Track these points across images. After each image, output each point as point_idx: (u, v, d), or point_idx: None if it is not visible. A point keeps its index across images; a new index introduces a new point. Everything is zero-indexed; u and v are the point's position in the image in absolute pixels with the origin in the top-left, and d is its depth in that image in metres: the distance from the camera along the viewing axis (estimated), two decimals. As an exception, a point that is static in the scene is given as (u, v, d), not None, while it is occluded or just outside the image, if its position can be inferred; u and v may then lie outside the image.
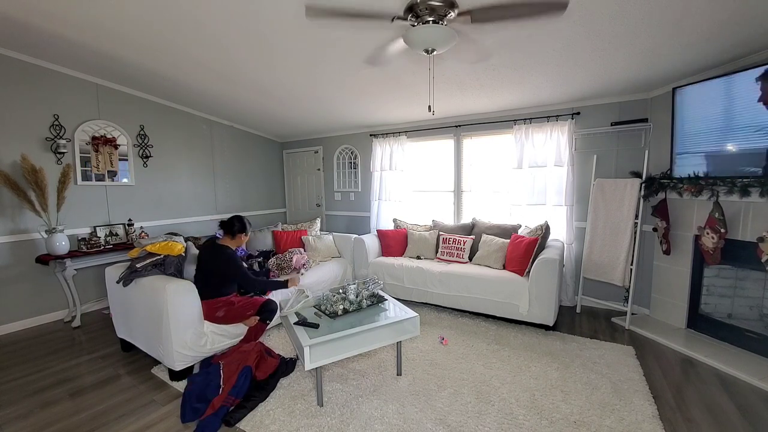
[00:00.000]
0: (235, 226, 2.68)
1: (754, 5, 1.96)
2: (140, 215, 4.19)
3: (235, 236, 2.69)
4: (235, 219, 2.70)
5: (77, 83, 3.66)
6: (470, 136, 4.39)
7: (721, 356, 2.61)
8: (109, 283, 2.83)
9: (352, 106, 4.22)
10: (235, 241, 2.71)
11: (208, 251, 2.65)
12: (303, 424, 1.98)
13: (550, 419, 2.00)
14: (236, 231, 2.68)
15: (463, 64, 2.88)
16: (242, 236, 2.72)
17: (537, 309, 3.04)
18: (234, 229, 2.67)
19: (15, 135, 3.28)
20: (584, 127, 3.64)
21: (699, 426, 1.95)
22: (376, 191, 5.03)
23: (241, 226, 2.70)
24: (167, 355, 2.38)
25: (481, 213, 4.34)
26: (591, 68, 2.86)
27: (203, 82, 3.64)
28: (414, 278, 3.69)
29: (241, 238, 2.73)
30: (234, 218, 2.71)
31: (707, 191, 2.70)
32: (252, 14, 2.31)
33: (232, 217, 2.71)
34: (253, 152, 5.73)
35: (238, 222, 2.69)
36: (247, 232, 2.75)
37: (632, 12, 2.07)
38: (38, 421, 2.05)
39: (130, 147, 4.09)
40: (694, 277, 3.01)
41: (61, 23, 2.63)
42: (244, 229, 2.72)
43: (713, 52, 2.53)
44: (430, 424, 1.97)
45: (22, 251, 3.35)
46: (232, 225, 2.68)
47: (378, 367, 2.57)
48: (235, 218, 2.71)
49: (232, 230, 2.67)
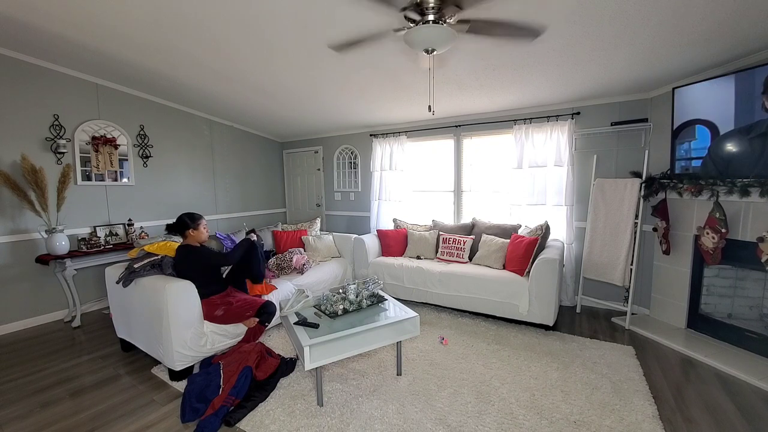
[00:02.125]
0: (187, 222, 2.60)
1: (753, 5, 1.96)
2: (140, 215, 4.19)
3: (185, 235, 2.62)
4: (183, 216, 2.63)
5: (77, 83, 3.66)
6: (470, 136, 4.39)
7: (721, 356, 2.61)
8: (109, 283, 2.83)
9: (352, 106, 4.22)
10: (191, 239, 2.63)
11: (181, 258, 2.60)
12: (303, 424, 1.98)
13: (550, 419, 2.00)
14: (189, 226, 2.60)
15: (463, 64, 2.88)
16: (190, 232, 2.61)
17: (537, 309, 3.04)
18: (187, 225, 2.60)
19: (15, 135, 3.28)
20: (584, 127, 3.64)
21: (699, 426, 1.95)
22: (376, 191, 5.03)
23: (189, 221, 2.61)
24: (167, 355, 2.38)
25: (481, 213, 4.34)
26: (591, 68, 2.86)
27: (203, 81, 3.64)
28: (414, 278, 3.69)
29: (192, 234, 2.61)
30: (181, 216, 2.63)
31: (707, 191, 2.70)
32: (252, 14, 2.31)
33: (180, 217, 2.64)
34: (253, 152, 5.73)
35: (188, 217, 2.62)
36: (196, 224, 2.63)
37: (632, 12, 2.07)
38: (38, 421, 2.05)
39: (130, 147, 4.09)
40: (694, 277, 3.01)
41: (61, 23, 2.63)
42: (192, 222, 2.61)
43: (713, 52, 2.53)
44: (430, 424, 1.97)
45: (22, 251, 3.35)
46: (184, 222, 2.61)
47: (378, 367, 2.57)
48: (182, 216, 2.63)
49: (185, 227, 2.61)
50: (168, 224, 2.69)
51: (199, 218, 2.68)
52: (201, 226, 2.66)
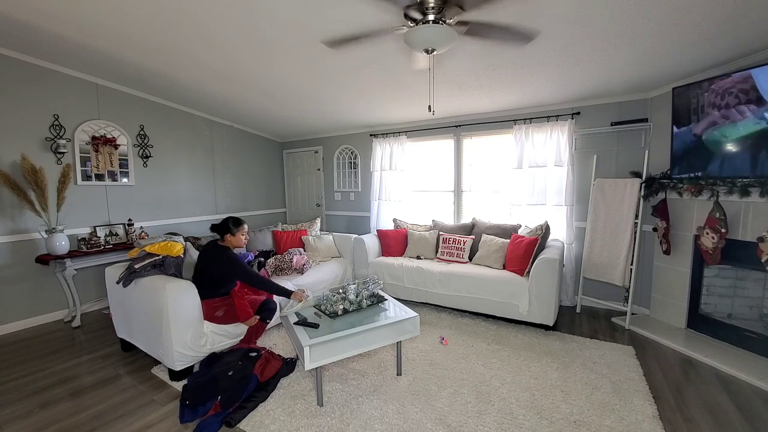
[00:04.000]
0: (229, 227, 2.63)
1: (753, 5, 1.96)
2: (140, 215, 4.19)
3: (225, 239, 2.64)
4: (228, 219, 2.66)
5: (77, 83, 3.66)
6: (470, 136, 4.39)
7: (721, 356, 2.61)
8: (109, 283, 2.83)
9: (352, 106, 4.22)
10: (230, 242, 2.65)
11: (209, 252, 2.63)
12: (303, 424, 1.98)
13: (550, 419, 2.00)
14: (230, 231, 2.63)
15: (464, 64, 2.88)
16: (229, 236, 2.63)
17: (537, 309, 3.04)
18: (229, 229, 2.63)
19: (15, 135, 3.28)
20: (584, 127, 3.64)
21: (699, 426, 1.95)
22: (376, 191, 5.03)
23: (231, 224, 2.64)
24: (167, 355, 2.38)
25: (481, 213, 4.34)
26: (591, 68, 2.86)
27: (203, 81, 3.64)
28: (414, 278, 3.69)
29: (230, 239, 2.64)
30: (226, 219, 2.66)
31: (707, 191, 2.70)
32: (252, 13, 2.31)
33: (225, 219, 2.67)
34: (253, 152, 5.73)
35: (232, 222, 2.65)
36: (238, 228, 2.66)
37: (632, 12, 2.07)
38: (38, 421, 2.05)
39: (130, 147, 4.09)
40: (694, 277, 3.01)
41: (61, 23, 2.63)
42: (234, 225, 2.65)
43: (713, 52, 2.53)
44: (430, 424, 1.97)
45: (22, 251, 3.35)
46: (226, 225, 2.63)
47: (378, 367, 2.57)
48: (227, 219, 2.66)
49: (226, 231, 2.63)
50: (213, 224, 2.68)
51: (241, 224, 2.69)
52: (240, 233, 2.67)
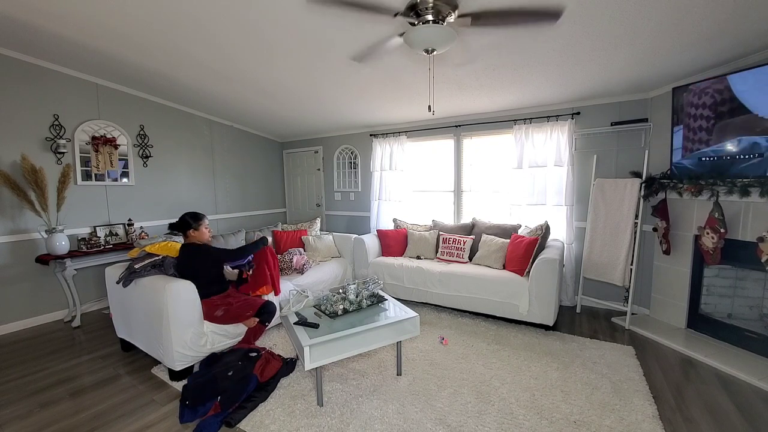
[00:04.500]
0: (189, 222, 2.62)
1: (753, 5, 1.96)
2: (140, 215, 4.19)
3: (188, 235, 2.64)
4: (185, 215, 2.65)
5: (77, 83, 3.66)
6: (470, 136, 4.39)
7: (721, 356, 2.61)
8: (109, 283, 2.83)
9: (352, 106, 4.22)
10: (193, 238, 2.64)
11: (183, 256, 2.61)
12: (303, 424, 1.98)
13: (550, 419, 2.00)
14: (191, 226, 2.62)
15: (463, 64, 2.88)
16: (191, 232, 2.62)
17: (537, 309, 3.04)
18: (189, 225, 2.62)
19: (15, 135, 3.28)
20: (584, 127, 3.64)
21: (699, 426, 1.95)
22: (376, 191, 5.03)
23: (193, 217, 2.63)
24: (167, 355, 2.38)
25: (481, 213, 4.34)
26: (591, 68, 2.86)
27: (203, 81, 3.64)
28: (414, 278, 3.69)
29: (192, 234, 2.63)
30: (183, 215, 2.65)
31: (707, 191, 2.70)
32: (252, 13, 2.31)
33: (182, 216, 2.65)
34: (253, 152, 5.73)
35: (190, 216, 2.63)
36: (198, 223, 2.64)
37: (632, 12, 2.07)
38: (38, 421, 2.05)
39: (130, 147, 4.09)
40: (694, 277, 3.01)
41: (61, 23, 2.63)
42: (197, 218, 2.63)
43: (713, 52, 2.53)
44: (430, 424, 1.97)
45: (22, 251, 3.35)
46: (185, 222, 2.62)
47: (378, 367, 2.57)
48: (184, 215, 2.65)
49: (186, 227, 2.62)
50: (171, 223, 2.69)
51: (201, 218, 2.67)
52: (203, 227, 2.67)
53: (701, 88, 2.67)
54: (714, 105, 2.60)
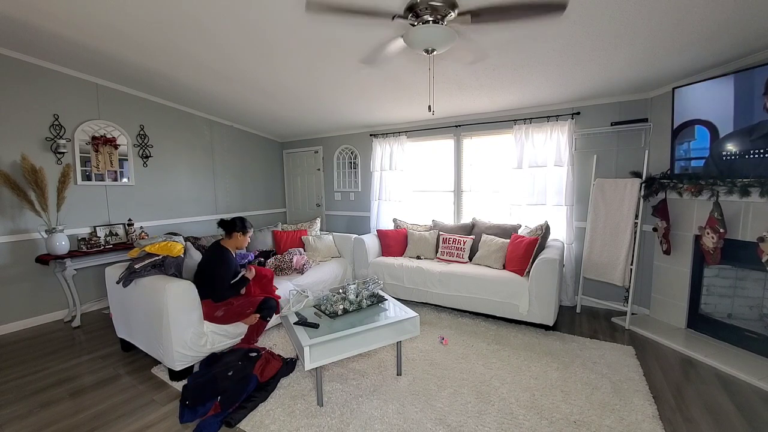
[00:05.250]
0: (236, 225, 2.71)
1: (753, 5, 1.96)
2: (140, 215, 4.19)
3: (231, 235, 2.70)
4: (240, 218, 2.76)
5: (77, 83, 3.66)
6: (470, 136, 4.39)
7: (721, 356, 2.61)
8: (109, 283, 2.83)
9: (352, 106, 4.22)
10: (233, 241, 2.71)
11: (208, 250, 2.69)
12: (303, 423, 1.98)
13: (550, 419, 2.00)
14: (235, 229, 2.70)
15: (463, 64, 2.87)
16: (238, 235, 2.72)
17: (537, 309, 3.04)
18: (237, 228, 2.71)
19: (15, 135, 3.28)
20: (584, 127, 3.64)
21: (699, 426, 1.95)
22: (376, 191, 5.03)
23: (240, 225, 2.73)
24: (167, 355, 2.38)
25: (481, 213, 4.34)
26: (591, 68, 2.86)
27: (203, 81, 3.64)
28: (414, 278, 3.69)
29: (238, 238, 2.73)
30: (239, 218, 2.77)
31: (707, 191, 2.70)
32: (252, 13, 2.31)
33: (237, 217, 2.77)
34: (253, 152, 5.73)
35: (239, 221, 2.74)
36: (246, 230, 2.76)
37: (632, 12, 2.07)
38: (38, 421, 2.05)
39: (130, 147, 4.09)
40: (694, 277, 3.01)
41: (61, 23, 2.62)
42: (243, 227, 2.74)
43: (713, 52, 2.53)
44: (430, 424, 1.97)
45: (22, 251, 3.35)
46: (237, 223, 2.71)
47: (378, 367, 2.57)
48: (240, 218, 2.77)
49: (234, 228, 2.70)
50: (222, 219, 2.77)
51: (250, 228, 2.81)
52: (248, 235, 2.80)
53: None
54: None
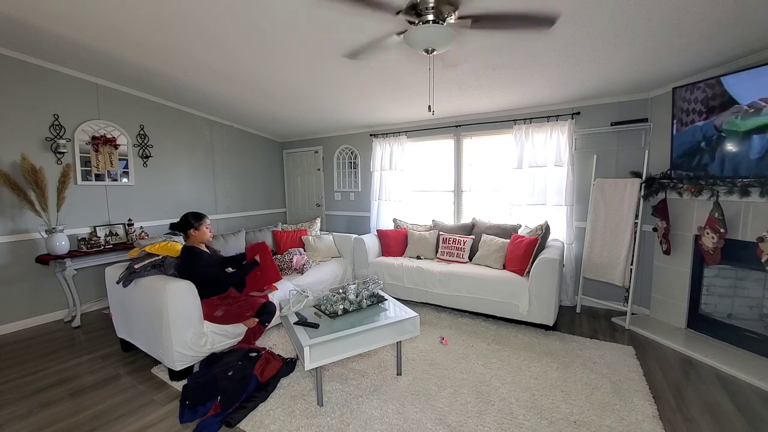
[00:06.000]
0: (190, 221, 2.62)
1: (753, 6, 1.96)
2: (140, 215, 4.19)
3: (188, 235, 2.64)
4: (187, 215, 2.65)
5: (77, 83, 3.66)
6: (470, 136, 4.39)
7: (721, 356, 2.61)
8: (109, 283, 2.83)
9: (352, 106, 4.22)
10: (193, 239, 2.64)
11: (182, 258, 2.62)
12: (303, 423, 1.98)
13: (550, 419, 2.00)
14: (192, 225, 2.62)
15: (463, 64, 2.88)
16: (193, 232, 2.62)
17: (537, 309, 3.04)
18: (190, 225, 2.62)
19: (15, 135, 3.28)
20: (584, 127, 3.64)
21: (699, 426, 1.95)
22: (376, 191, 5.03)
23: (191, 222, 2.63)
24: (167, 355, 2.38)
25: (481, 213, 4.34)
26: (591, 68, 2.86)
27: (203, 81, 3.64)
28: (414, 278, 3.69)
29: (196, 234, 2.63)
30: (185, 215, 2.65)
31: (707, 191, 2.70)
32: (252, 13, 2.31)
33: (184, 215, 2.65)
34: (253, 152, 5.73)
35: (192, 216, 2.64)
36: (197, 225, 2.64)
37: (632, 12, 2.07)
38: (38, 421, 2.05)
39: (130, 147, 4.09)
40: (694, 277, 3.01)
41: (61, 23, 2.63)
42: (193, 224, 2.62)
43: (713, 52, 2.53)
44: (430, 424, 1.97)
45: (22, 251, 3.35)
46: (187, 221, 2.62)
47: (378, 367, 2.57)
48: (186, 215, 2.65)
49: (188, 227, 2.62)
50: (172, 223, 2.70)
51: (202, 218, 2.68)
52: (204, 227, 2.67)
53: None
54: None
